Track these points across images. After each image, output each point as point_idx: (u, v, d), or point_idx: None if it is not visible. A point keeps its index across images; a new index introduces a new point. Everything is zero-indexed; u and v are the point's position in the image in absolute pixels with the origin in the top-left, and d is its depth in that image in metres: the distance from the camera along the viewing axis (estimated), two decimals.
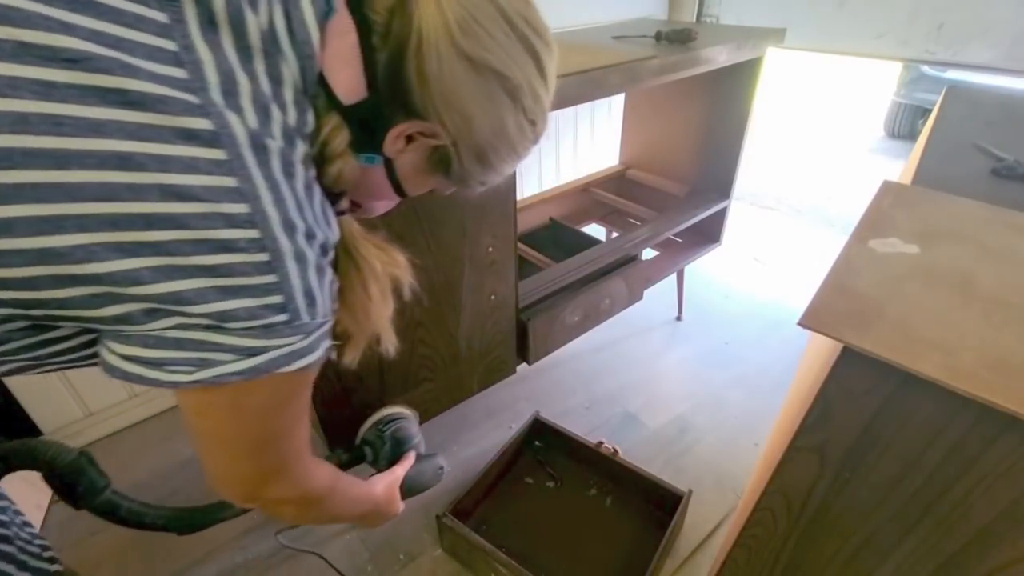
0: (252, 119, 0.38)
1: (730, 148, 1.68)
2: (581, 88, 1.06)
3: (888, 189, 0.76)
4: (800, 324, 0.52)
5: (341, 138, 0.47)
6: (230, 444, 0.49)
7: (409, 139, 0.49)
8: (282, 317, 0.41)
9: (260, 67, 0.40)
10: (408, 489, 0.91)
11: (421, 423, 1.21)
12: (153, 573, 1.23)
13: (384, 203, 0.60)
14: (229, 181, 0.37)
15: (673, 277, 1.85)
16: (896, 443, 0.53)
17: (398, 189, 0.55)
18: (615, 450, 1.35)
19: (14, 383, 1.36)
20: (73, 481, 0.60)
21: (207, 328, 0.39)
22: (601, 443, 1.36)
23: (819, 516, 0.63)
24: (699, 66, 1.31)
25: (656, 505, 1.27)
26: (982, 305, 0.53)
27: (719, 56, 1.34)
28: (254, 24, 0.39)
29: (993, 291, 0.54)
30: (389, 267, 0.58)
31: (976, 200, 0.72)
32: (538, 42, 0.48)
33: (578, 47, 1.31)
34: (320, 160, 0.46)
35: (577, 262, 1.41)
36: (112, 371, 0.41)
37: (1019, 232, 0.65)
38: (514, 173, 1.06)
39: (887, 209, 0.70)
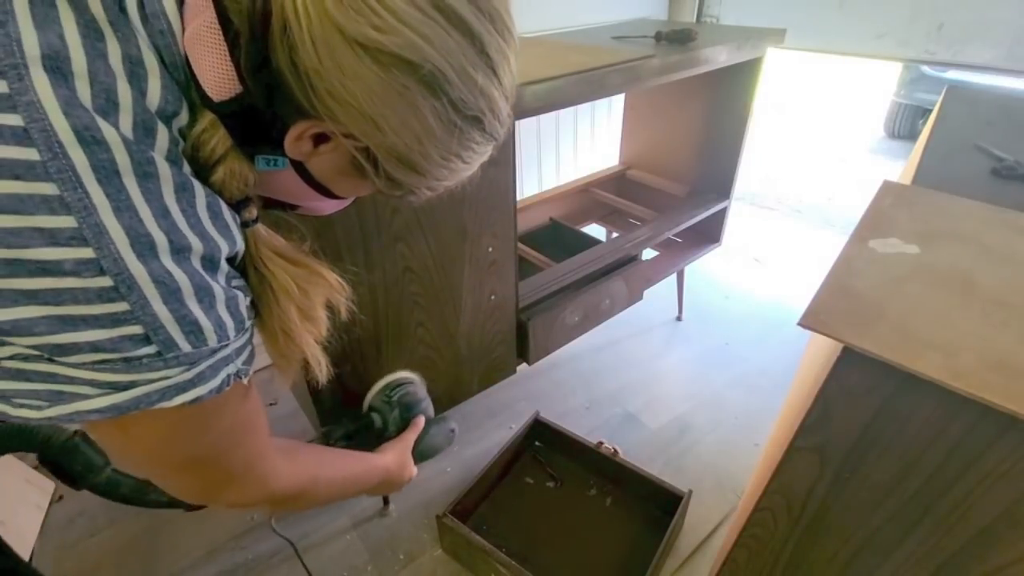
0: (83, 109, 0.31)
1: (730, 148, 1.68)
2: (581, 88, 1.06)
3: (888, 189, 0.76)
4: (800, 324, 0.52)
5: (218, 140, 0.39)
6: (148, 466, 0.46)
7: (319, 139, 0.41)
8: (148, 349, 0.35)
9: (110, 43, 0.33)
10: (420, 453, 0.91)
11: None
12: (153, 573, 1.23)
13: (325, 203, 0.51)
14: (46, 188, 0.30)
15: (673, 277, 1.85)
16: (896, 443, 0.53)
17: (326, 192, 0.47)
18: (615, 450, 1.35)
19: None
20: (69, 460, 0.60)
21: (50, 361, 0.34)
22: (601, 443, 1.36)
23: (819, 516, 0.63)
24: (699, 66, 1.31)
25: (656, 505, 1.27)
26: (982, 305, 0.53)
27: (719, 56, 1.34)
28: None
29: (993, 291, 0.54)
30: (307, 284, 0.49)
31: (976, 200, 0.72)
32: (477, 18, 0.37)
33: (578, 47, 1.31)
34: (199, 163, 0.39)
35: (577, 262, 1.41)
36: None
37: (1019, 232, 0.65)
38: (513, 173, 1.06)
39: (887, 209, 0.70)
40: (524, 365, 1.37)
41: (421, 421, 0.93)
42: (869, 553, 0.62)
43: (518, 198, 1.12)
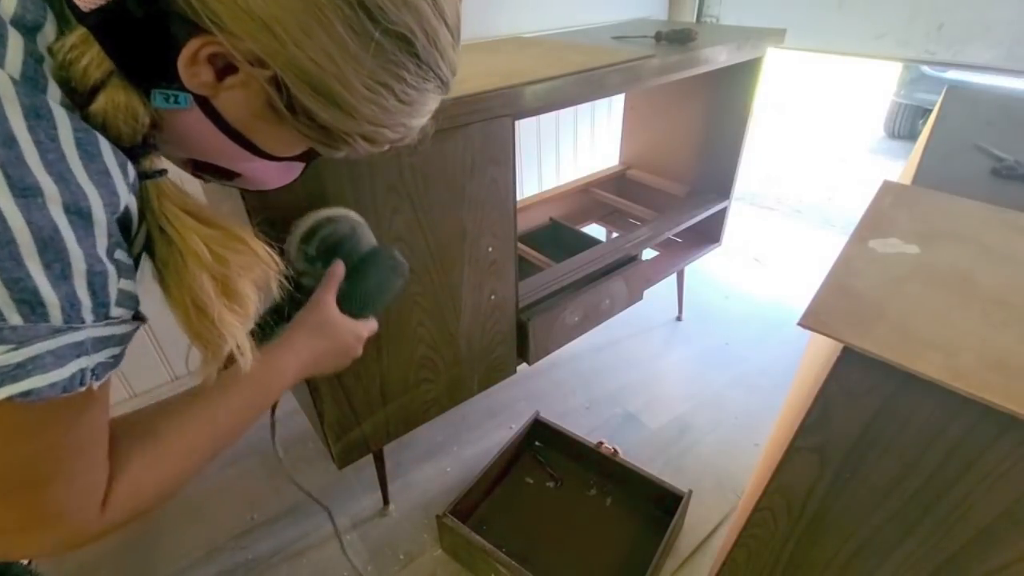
0: None
1: (730, 148, 1.68)
2: (581, 88, 1.06)
3: (888, 189, 0.76)
4: (800, 324, 0.52)
5: (91, 60, 0.32)
6: None
7: (226, 70, 0.35)
8: None
9: None
10: (361, 303, 0.69)
11: (421, 423, 1.21)
12: (153, 573, 1.23)
13: (259, 165, 0.43)
14: None
15: (673, 277, 1.85)
16: (896, 443, 0.53)
17: (249, 146, 0.40)
18: (615, 450, 1.35)
19: None
20: None
21: None
22: (601, 443, 1.36)
23: (819, 516, 0.63)
24: (699, 66, 1.31)
25: (656, 505, 1.27)
26: (982, 305, 0.53)
27: (719, 56, 1.34)
28: None
29: (993, 291, 0.54)
30: (224, 250, 0.41)
31: (976, 200, 0.72)
32: None
33: (578, 47, 1.31)
34: (72, 89, 0.33)
35: (577, 262, 1.41)
36: None
37: (1019, 232, 0.65)
38: (513, 173, 1.06)
39: (887, 209, 0.70)
40: (524, 365, 1.37)
41: (338, 269, 0.69)
42: (869, 553, 0.62)
43: (518, 198, 1.12)
